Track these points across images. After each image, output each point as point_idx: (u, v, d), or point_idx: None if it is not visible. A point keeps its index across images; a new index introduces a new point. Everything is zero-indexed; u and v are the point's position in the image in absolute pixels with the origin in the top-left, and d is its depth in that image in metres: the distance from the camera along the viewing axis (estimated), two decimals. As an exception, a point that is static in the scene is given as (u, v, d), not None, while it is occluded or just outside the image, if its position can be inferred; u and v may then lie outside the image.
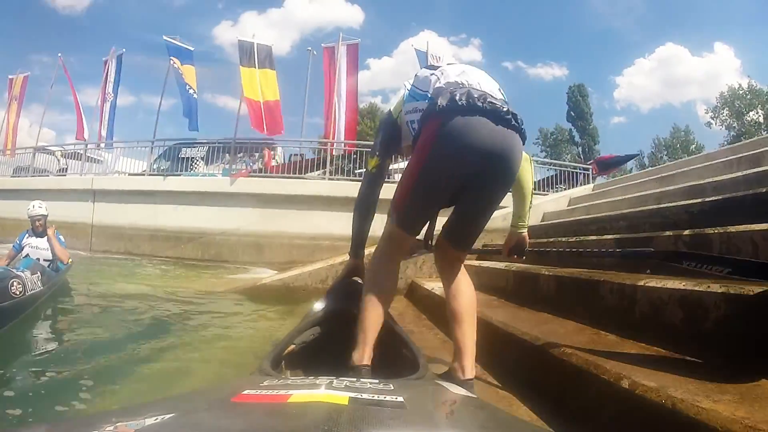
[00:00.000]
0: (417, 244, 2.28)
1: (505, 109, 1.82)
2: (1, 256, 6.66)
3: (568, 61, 75.75)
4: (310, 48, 18.69)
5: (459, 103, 1.77)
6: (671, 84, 67.49)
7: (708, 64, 63.18)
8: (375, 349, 1.83)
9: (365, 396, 0.74)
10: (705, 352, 1.68)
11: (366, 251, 2.37)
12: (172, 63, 16.16)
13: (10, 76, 19.64)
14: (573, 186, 12.69)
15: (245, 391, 0.76)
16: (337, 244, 9.30)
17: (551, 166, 16.92)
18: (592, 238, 3.75)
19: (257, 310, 6.20)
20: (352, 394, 0.74)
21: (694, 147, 41.12)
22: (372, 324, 1.86)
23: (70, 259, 7.06)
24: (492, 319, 2.85)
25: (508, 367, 2.42)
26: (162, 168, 15.18)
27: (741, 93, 40.07)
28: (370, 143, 2.49)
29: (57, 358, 4.05)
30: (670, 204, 4.02)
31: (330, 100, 15.76)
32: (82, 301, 6.70)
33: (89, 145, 16.42)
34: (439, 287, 3.64)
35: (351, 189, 9.43)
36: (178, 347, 4.43)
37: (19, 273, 5.34)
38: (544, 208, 7.94)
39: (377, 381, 0.90)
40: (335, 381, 0.85)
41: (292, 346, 2.12)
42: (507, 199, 2.18)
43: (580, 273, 2.88)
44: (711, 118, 42.14)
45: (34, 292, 5.42)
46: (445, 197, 1.97)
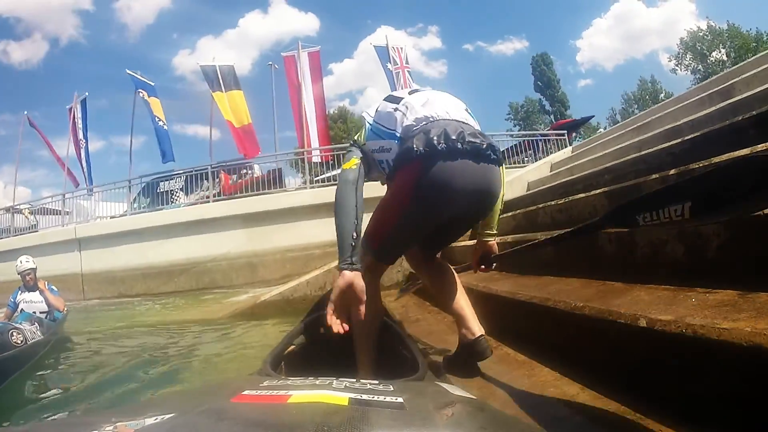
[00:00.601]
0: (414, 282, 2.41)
1: (485, 145, 1.83)
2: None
3: (526, 33, 76.86)
4: (270, 62, 18.54)
5: (438, 147, 1.73)
6: (631, 38, 68.14)
7: (664, 12, 63.77)
8: (375, 351, 2.01)
9: (365, 397, 0.75)
10: (713, 280, 1.67)
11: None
12: (140, 95, 16.17)
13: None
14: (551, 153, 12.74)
15: (245, 392, 0.76)
16: (329, 250, 9.26)
17: (525, 138, 16.97)
18: (581, 195, 3.73)
19: (261, 328, 6.15)
20: (352, 395, 0.74)
21: (663, 96, 41.36)
22: (366, 350, 1.99)
23: (66, 308, 7.21)
24: (497, 291, 2.84)
25: (522, 333, 2.42)
26: (142, 206, 15.14)
27: (701, 35, 40.43)
28: (347, 145, 2.40)
29: (67, 402, 4.06)
30: (652, 149, 4.04)
31: (298, 109, 15.76)
32: (83, 346, 6.72)
33: (66, 194, 16.21)
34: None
35: (333, 194, 9.35)
36: (186, 377, 4.44)
37: (17, 325, 5.50)
38: (526, 177, 7.94)
39: (377, 382, 0.91)
40: (335, 382, 0.85)
41: (292, 347, 2.10)
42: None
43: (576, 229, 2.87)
44: (675, 65, 42.71)
45: (35, 341, 5.53)
46: (428, 232, 2.09)
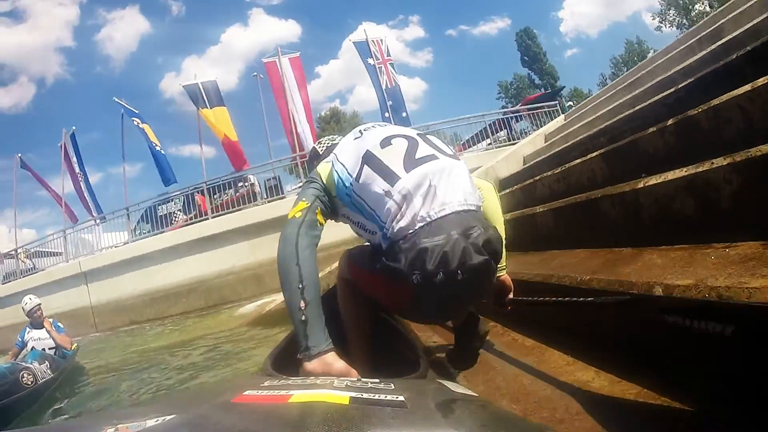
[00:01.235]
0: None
1: (486, 258, 1.42)
2: (6, 356, 6.93)
3: (507, 11, 76.50)
4: (255, 73, 18.43)
5: (436, 280, 1.37)
6: (612, 2, 68.06)
7: (642, -30, 62.66)
8: (375, 349, 1.86)
9: (366, 395, 0.74)
10: (732, 232, 1.49)
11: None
12: (134, 123, 16.20)
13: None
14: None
15: (246, 392, 0.75)
16: (332, 252, 9.12)
17: (519, 113, 16.83)
18: (577, 162, 3.57)
19: (269, 334, 6.09)
20: (353, 394, 0.74)
21: (651, 54, 40.96)
22: (359, 346, 1.82)
23: (75, 345, 7.33)
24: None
25: (529, 316, 2.25)
26: (144, 231, 15.07)
27: (682, -11, 40.04)
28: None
29: None
30: (646, 103, 3.85)
31: (287, 114, 15.67)
32: (98, 375, 6.93)
33: (67, 230, 16.17)
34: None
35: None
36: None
37: (27, 365, 5.66)
38: (521, 152, 7.71)
39: (378, 380, 0.89)
40: (336, 381, 0.85)
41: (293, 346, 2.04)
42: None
43: (575, 198, 2.70)
44: (659, 22, 42.46)
45: (45, 380, 5.73)
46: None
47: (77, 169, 17.86)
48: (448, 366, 2.05)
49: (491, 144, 15.46)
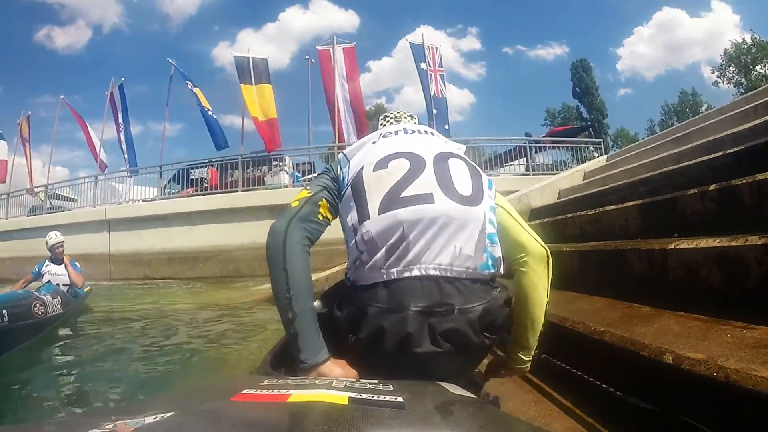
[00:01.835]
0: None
1: (435, 353, 1.17)
2: (18, 281, 7.17)
3: (567, 39, 75.21)
4: (307, 57, 18.51)
5: (373, 353, 1.19)
6: (673, 49, 66.41)
7: (707, 23, 61.81)
8: None
9: (365, 396, 0.74)
10: (752, 314, 1.50)
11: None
12: (188, 86, 16.38)
13: (18, 121, 19.94)
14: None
15: (245, 390, 0.75)
16: (340, 248, 9.15)
17: (562, 145, 16.67)
18: (612, 207, 3.56)
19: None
20: (352, 394, 0.74)
21: (704, 109, 40.22)
22: None
23: (89, 287, 7.78)
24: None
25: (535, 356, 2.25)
26: (174, 191, 15.31)
27: (745, 47, 39.26)
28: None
29: (74, 366, 4.57)
30: (691, 162, 3.82)
31: (333, 102, 15.67)
32: (102, 320, 7.20)
33: (99, 176, 16.46)
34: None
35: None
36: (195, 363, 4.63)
37: (41, 296, 5.96)
38: (558, 185, 7.70)
39: (377, 381, 0.89)
40: (335, 381, 0.86)
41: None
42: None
43: (604, 245, 2.71)
44: (717, 77, 41.50)
45: (54, 313, 6.06)
46: None
47: (120, 119, 18.12)
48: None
49: (528, 169, 15.31)
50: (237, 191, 13.26)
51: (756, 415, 1.04)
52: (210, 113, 16.44)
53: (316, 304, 1.39)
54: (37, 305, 5.67)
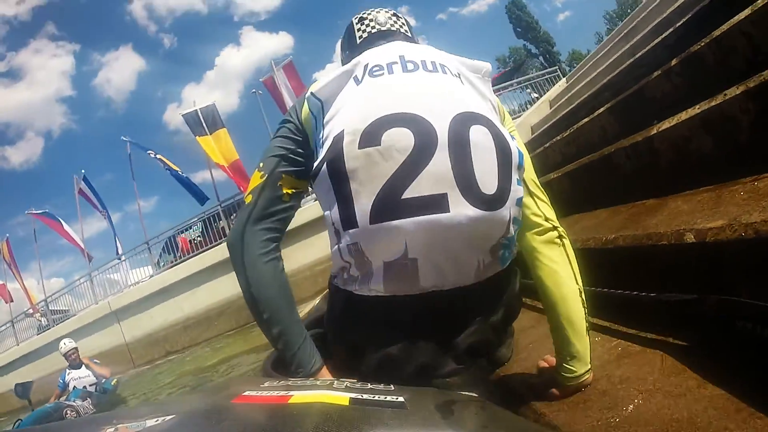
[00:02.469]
0: None
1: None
2: (49, 397, 7.45)
3: (495, -15, 75.62)
4: (254, 90, 18.62)
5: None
6: (595, -42, 66.59)
7: None
8: None
9: (366, 396, 0.73)
10: (757, 164, 1.39)
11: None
12: (151, 155, 16.48)
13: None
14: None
15: (246, 393, 0.73)
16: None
17: (521, 85, 16.67)
18: (584, 121, 3.47)
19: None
20: (353, 395, 0.73)
21: (643, 2, 40.57)
22: None
23: (115, 380, 7.93)
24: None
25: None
26: (167, 262, 15.42)
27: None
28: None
29: None
30: (646, 49, 3.74)
31: None
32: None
33: (94, 272, 16.40)
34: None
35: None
36: None
37: (70, 403, 6.30)
38: (528, 122, 7.65)
39: (377, 381, 0.86)
40: (336, 382, 0.83)
41: None
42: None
43: (588, 158, 2.61)
44: (647, -30, 41.72)
45: (87, 414, 6.13)
46: None
47: (100, 208, 18.05)
48: None
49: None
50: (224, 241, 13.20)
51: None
52: (181, 173, 16.46)
53: (317, 301, 1.26)
54: (68, 412, 5.87)
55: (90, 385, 7.33)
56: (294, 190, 1.10)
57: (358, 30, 1.33)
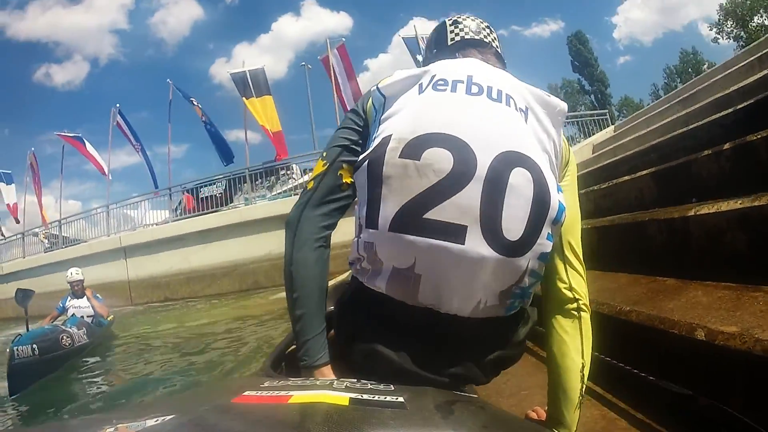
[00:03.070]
0: None
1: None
2: (45, 317, 7.80)
3: (561, 13, 75.45)
4: (303, 63, 18.72)
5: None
6: (667, 10, 66.27)
7: (699, -20, 60.82)
8: None
9: (366, 396, 0.72)
10: (785, 275, 1.42)
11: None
12: (194, 103, 16.62)
13: (27, 160, 20.30)
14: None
15: (246, 392, 0.73)
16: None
17: (568, 120, 16.54)
18: (625, 178, 3.47)
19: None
20: (353, 395, 0.72)
21: (706, 67, 39.82)
22: None
23: (111, 316, 8.28)
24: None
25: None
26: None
27: (740, 0, 38.70)
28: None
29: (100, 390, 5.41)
30: (700, 122, 3.72)
31: (345, 106, 15.75)
32: (128, 344, 7.86)
33: (111, 205, 16.59)
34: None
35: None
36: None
37: (67, 329, 6.66)
38: (568, 161, 7.59)
39: (377, 382, 0.84)
40: (336, 382, 0.83)
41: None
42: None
43: (621, 218, 2.63)
44: (716, 33, 41.06)
45: (81, 343, 6.74)
46: None
47: (134, 141, 18.26)
48: None
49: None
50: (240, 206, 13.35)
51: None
52: (210, 127, 16.62)
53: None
54: (64, 337, 6.30)
55: (87, 317, 7.68)
56: (353, 180, 1.10)
57: (451, 32, 1.33)
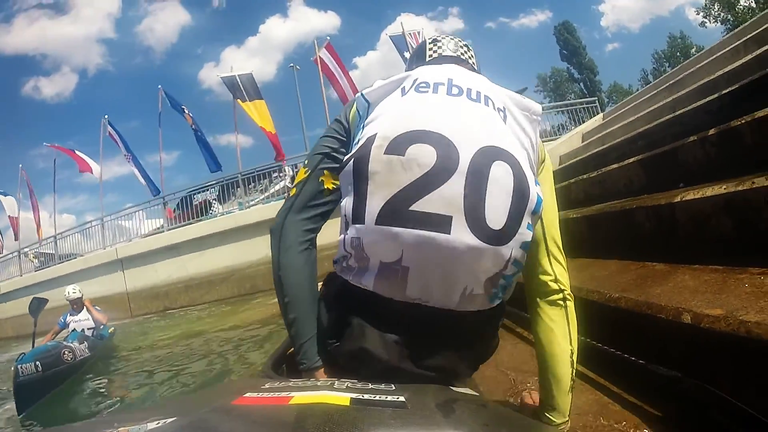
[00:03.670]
0: None
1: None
2: (47, 332, 7.90)
3: (548, 4, 75.23)
4: (292, 64, 18.66)
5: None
6: (654, -4, 65.80)
7: (686, -36, 60.88)
8: None
9: (366, 396, 0.73)
10: (766, 256, 1.44)
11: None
12: (185, 110, 16.61)
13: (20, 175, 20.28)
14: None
15: (246, 394, 0.74)
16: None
17: (557, 109, 16.63)
18: (614, 166, 3.49)
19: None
20: (354, 395, 0.73)
21: (694, 51, 39.86)
22: None
23: (112, 328, 8.58)
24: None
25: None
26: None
27: (728, -17, 38.80)
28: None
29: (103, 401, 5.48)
30: (687, 108, 3.75)
31: (346, 99, 15.75)
32: (130, 357, 7.89)
33: (106, 217, 16.55)
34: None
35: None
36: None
37: (68, 344, 6.81)
38: (558, 151, 7.61)
39: (378, 381, 0.86)
40: (336, 382, 0.83)
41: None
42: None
43: (610, 206, 2.66)
44: (703, 17, 41.00)
45: (83, 357, 6.89)
46: None
47: (125, 151, 18.19)
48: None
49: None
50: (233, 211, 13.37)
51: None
52: (200, 134, 16.61)
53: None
54: (66, 352, 6.44)
55: (88, 329, 7.87)
56: (334, 186, 1.15)
57: (430, 49, 1.39)
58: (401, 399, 0.73)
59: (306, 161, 1.21)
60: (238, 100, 15.45)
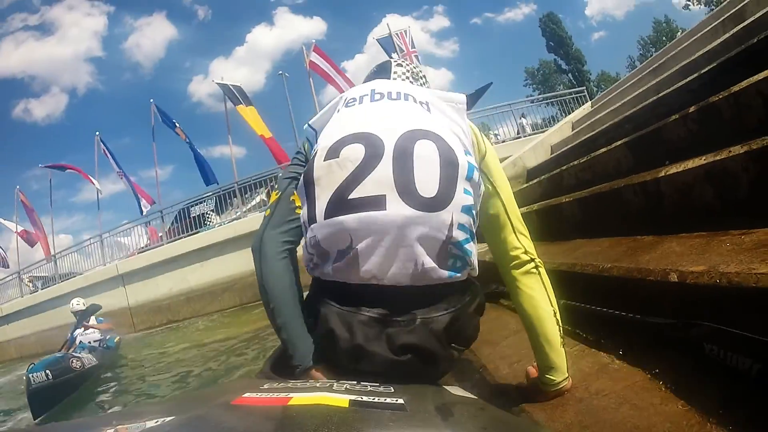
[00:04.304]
0: None
1: (391, 361, 1.08)
2: (52, 349, 8.45)
3: (533, -4, 75.13)
4: (281, 72, 18.78)
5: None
6: (637, -19, 65.94)
7: (667, -51, 61.17)
8: None
9: (365, 398, 0.74)
10: (749, 219, 1.53)
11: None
12: (177, 126, 16.63)
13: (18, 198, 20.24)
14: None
15: (245, 394, 0.75)
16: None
17: (546, 101, 16.73)
18: (602, 150, 3.59)
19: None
20: (353, 397, 0.74)
21: (680, 34, 39.94)
22: None
23: (118, 338, 8.97)
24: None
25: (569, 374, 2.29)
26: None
27: (709, -36, 38.97)
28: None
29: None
30: (670, 89, 3.84)
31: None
32: (133, 366, 8.21)
33: (104, 234, 16.59)
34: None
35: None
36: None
37: (76, 354, 7.29)
38: (549, 141, 7.68)
39: (377, 383, 0.89)
40: (335, 384, 0.85)
41: None
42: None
43: (599, 188, 2.74)
44: (687, 0, 41.14)
45: (91, 365, 7.28)
46: None
47: (117, 168, 18.21)
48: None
49: (519, 133, 15.40)
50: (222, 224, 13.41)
51: (760, 312, 1.06)
52: (195, 147, 16.68)
53: None
54: (74, 361, 6.84)
55: (95, 341, 8.27)
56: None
57: (394, 72, 1.55)
58: (400, 401, 0.74)
59: (276, 186, 1.37)
60: (237, 105, 15.59)
